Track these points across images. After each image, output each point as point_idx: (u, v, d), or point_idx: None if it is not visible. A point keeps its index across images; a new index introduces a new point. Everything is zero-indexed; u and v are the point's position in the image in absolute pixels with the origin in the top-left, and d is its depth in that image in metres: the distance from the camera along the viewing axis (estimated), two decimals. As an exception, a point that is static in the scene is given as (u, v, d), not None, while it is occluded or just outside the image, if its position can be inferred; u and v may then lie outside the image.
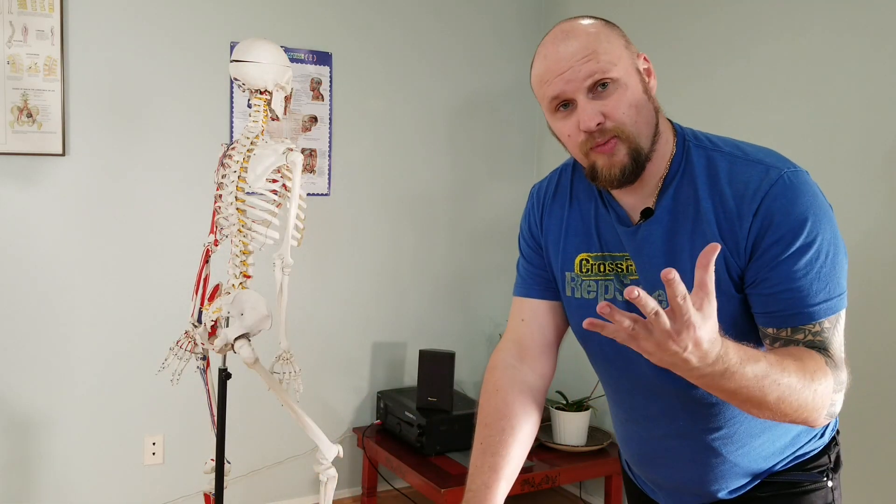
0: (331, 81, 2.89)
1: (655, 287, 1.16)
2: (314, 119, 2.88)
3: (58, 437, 2.58)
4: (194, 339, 2.11)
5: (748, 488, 1.29)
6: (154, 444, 2.72)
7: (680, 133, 1.22)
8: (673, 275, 0.86)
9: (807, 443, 1.28)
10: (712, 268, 0.90)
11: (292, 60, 2.73)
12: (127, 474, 2.68)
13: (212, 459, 2.15)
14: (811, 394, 1.02)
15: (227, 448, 2.11)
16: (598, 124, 1.12)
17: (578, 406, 2.85)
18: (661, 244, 1.18)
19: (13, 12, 2.40)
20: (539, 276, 1.35)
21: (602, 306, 0.88)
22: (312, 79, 2.86)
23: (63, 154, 2.50)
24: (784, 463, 1.28)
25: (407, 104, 3.06)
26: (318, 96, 2.87)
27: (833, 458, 1.30)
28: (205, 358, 2.18)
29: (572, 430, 2.80)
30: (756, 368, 0.98)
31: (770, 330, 1.12)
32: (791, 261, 1.09)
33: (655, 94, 1.19)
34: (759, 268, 1.11)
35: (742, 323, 1.15)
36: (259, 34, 2.62)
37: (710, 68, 2.59)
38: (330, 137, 2.91)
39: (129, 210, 2.62)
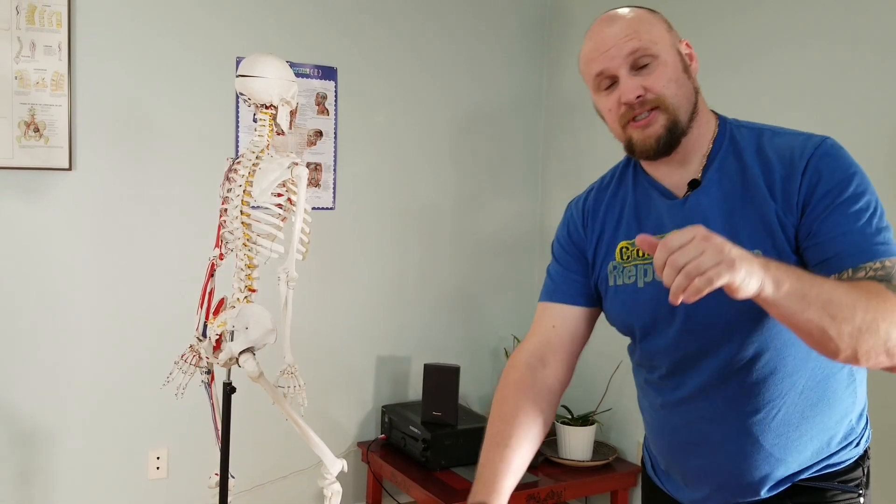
0: (336, 96, 2.91)
1: None
2: (319, 133, 2.89)
3: (62, 450, 2.58)
4: (199, 353, 2.12)
5: (780, 489, 1.27)
6: (158, 458, 2.71)
7: (721, 117, 1.30)
8: (641, 239, 1.01)
9: (842, 448, 1.28)
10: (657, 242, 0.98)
11: (297, 75, 2.74)
12: (131, 488, 2.68)
13: (216, 474, 2.14)
14: (876, 300, 1.04)
15: (231, 462, 2.11)
16: (639, 97, 1.20)
17: (584, 420, 2.84)
18: (712, 210, 1.22)
19: (21, 28, 2.42)
20: (574, 281, 1.39)
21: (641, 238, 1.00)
22: (317, 93, 2.87)
23: (69, 168, 2.51)
24: (818, 469, 1.27)
25: (411, 118, 3.07)
26: (323, 111, 2.89)
27: (865, 472, 1.30)
28: (209, 372, 2.18)
29: (578, 444, 2.78)
30: (800, 270, 1.04)
31: (832, 278, 1.12)
32: (843, 207, 1.14)
33: (697, 77, 1.27)
34: (814, 218, 1.15)
35: None
36: (265, 49, 2.63)
37: (715, 77, 2.59)
38: (335, 151, 2.92)
39: (135, 224, 2.63)
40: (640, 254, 1.29)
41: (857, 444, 1.30)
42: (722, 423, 1.27)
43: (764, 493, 1.28)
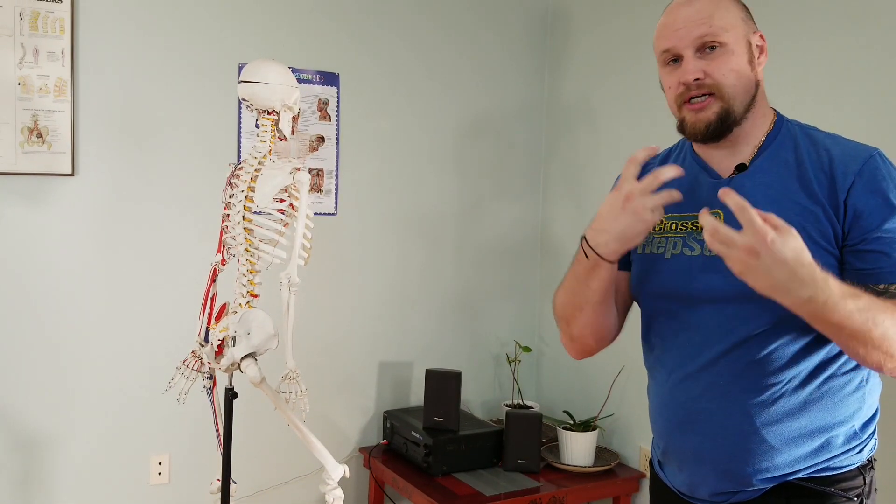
0: (338, 102, 2.91)
1: None
2: (321, 139, 2.89)
3: (64, 456, 2.58)
4: (201, 359, 2.12)
5: (773, 484, 1.28)
6: (160, 463, 2.71)
7: (779, 115, 1.36)
8: (728, 194, 1.07)
9: (843, 453, 1.28)
10: (747, 205, 1.06)
11: (300, 81, 2.75)
12: (133, 494, 2.68)
13: (218, 479, 2.14)
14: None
15: (233, 468, 2.11)
16: (697, 80, 1.25)
17: (586, 426, 2.83)
18: (755, 194, 1.26)
19: (24, 34, 2.42)
20: None
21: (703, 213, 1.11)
22: (320, 99, 2.88)
23: (72, 174, 2.52)
24: (816, 468, 1.27)
25: (413, 124, 3.08)
26: (325, 116, 2.89)
27: (868, 481, 1.30)
28: (211, 377, 2.18)
29: (579, 450, 2.78)
30: (859, 303, 1.10)
31: (881, 286, 1.20)
32: (888, 226, 1.19)
33: (763, 70, 1.32)
34: (864, 229, 1.21)
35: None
36: (267, 55, 2.64)
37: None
38: (337, 157, 2.93)
39: (137, 229, 2.63)
40: (673, 227, 1.35)
41: (860, 451, 1.30)
42: (722, 401, 1.29)
43: (756, 484, 1.28)
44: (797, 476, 1.27)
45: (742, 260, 1.06)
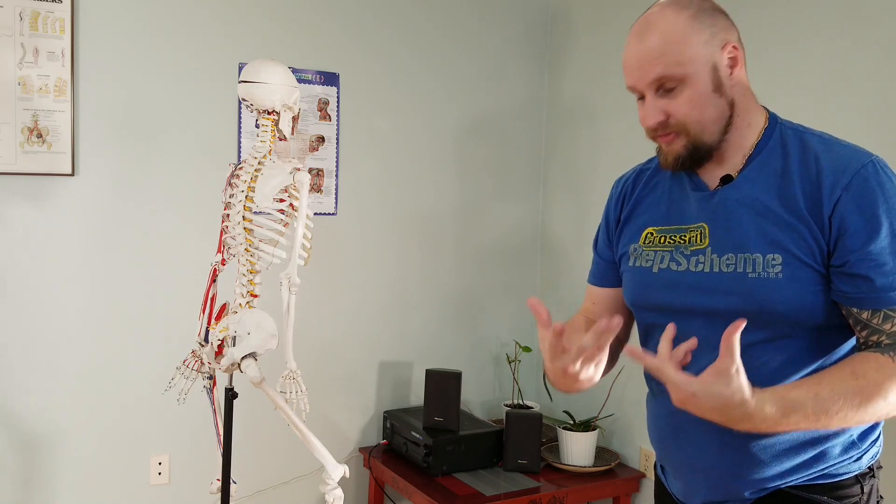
0: (338, 102, 2.91)
1: (724, 250, 1.24)
2: (321, 139, 2.89)
3: (63, 456, 2.58)
4: (201, 359, 2.12)
5: (764, 493, 1.26)
6: (160, 463, 2.71)
7: (772, 116, 1.29)
8: (643, 359, 1.09)
9: (838, 462, 1.25)
10: (736, 340, 1.03)
11: (300, 81, 2.75)
12: (133, 494, 2.68)
13: (218, 479, 2.14)
14: (882, 404, 1.11)
15: (233, 468, 2.11)
16: (660, 122, 1.22)
17: (586, 426, 2.83)
18: (739, 207, 1.24)
19: (24, 34, 2.42)
20: (607, 267, 1.49)
21: (631, 350, 1.11)
22: (320, 99, 2.88)
23: (72, 174, 2.52)
24: (809, 477, 1.25)
25: (413, 124, 3.08)
26: (325, 116, 2.89)
27: (867, 490, 1.26)
28: (211, 377, 2.18)
29: (579, 450, 2.78)
30: (806, 410, 1.09)
31: (865, 314, 1.18)
32: (885, 240, 1.15)
33: (744, 80, 1.26)
34: (848, 249, 1.16)
35: (820, 299, 1.20)
36: (267, 55, 2.64)
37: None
38: (337, 157, 2.93)
39: (137, 229, 2.63)
40: (661, 240, 1.34)
41: (859, 460, 1.26)
42: None
43: (747, 496, 1.27)
44: (790, 484, 1.25)
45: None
